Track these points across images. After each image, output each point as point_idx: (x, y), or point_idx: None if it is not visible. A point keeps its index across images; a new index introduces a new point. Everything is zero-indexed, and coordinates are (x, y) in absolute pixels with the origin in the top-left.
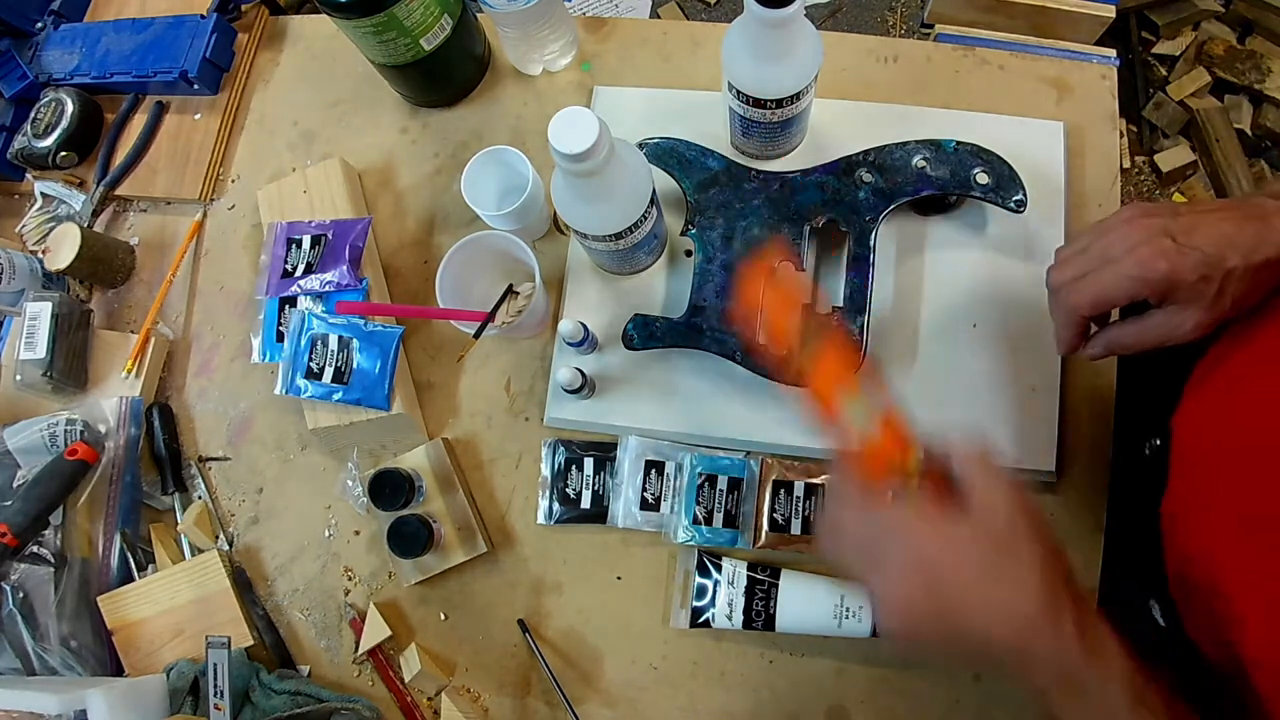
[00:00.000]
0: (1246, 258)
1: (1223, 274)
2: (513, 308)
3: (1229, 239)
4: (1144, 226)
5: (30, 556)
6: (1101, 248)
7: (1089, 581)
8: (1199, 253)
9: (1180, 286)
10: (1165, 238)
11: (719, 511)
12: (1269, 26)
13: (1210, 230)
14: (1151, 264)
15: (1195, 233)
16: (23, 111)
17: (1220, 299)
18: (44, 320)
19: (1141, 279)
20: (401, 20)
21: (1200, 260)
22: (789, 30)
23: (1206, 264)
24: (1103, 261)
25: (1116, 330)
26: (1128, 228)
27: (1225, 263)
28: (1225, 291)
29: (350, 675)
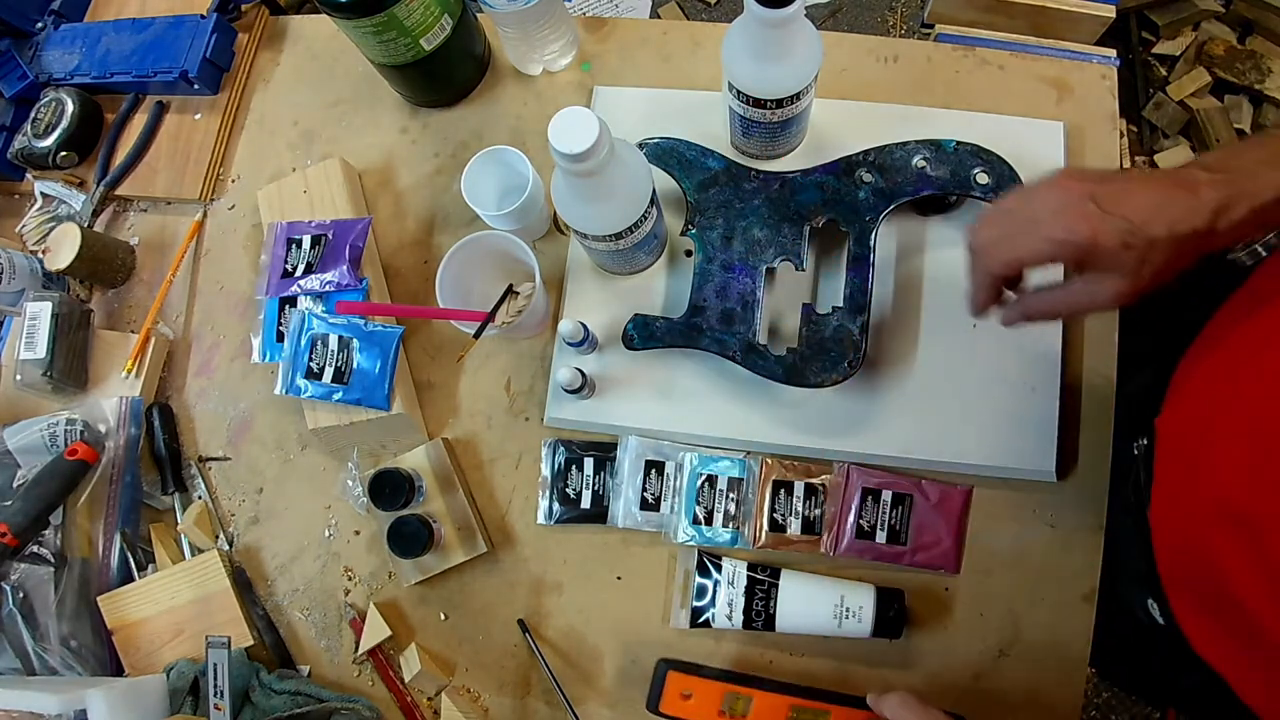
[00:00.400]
0: (1171, 228)
1: (1145, 243)
2: (513, 308)
3: (1155, 208)
4: (1070, 190)
5: (30, 556)
6: (1026, 210)
7: (1089, 582)
8: (1123, 220)
9: (1101, 253)
10: (1090, 203)
11: (719, 511)
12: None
13: (1137, 199)
14: (1073, 228)
15: (1122, 200)
16: (23, 111)
17: (1141, 268)
18: (44, 320)
19: (1062, 242)
20: (401, 20)
21: (1124, 228)
22: (789, 30)
23: (1130, 232)
24: (1026, 223)
25: (1034, 298)
26: (1053, 191)
27: (1149, 231)
28: (1147, 261)
29: (350, 675)
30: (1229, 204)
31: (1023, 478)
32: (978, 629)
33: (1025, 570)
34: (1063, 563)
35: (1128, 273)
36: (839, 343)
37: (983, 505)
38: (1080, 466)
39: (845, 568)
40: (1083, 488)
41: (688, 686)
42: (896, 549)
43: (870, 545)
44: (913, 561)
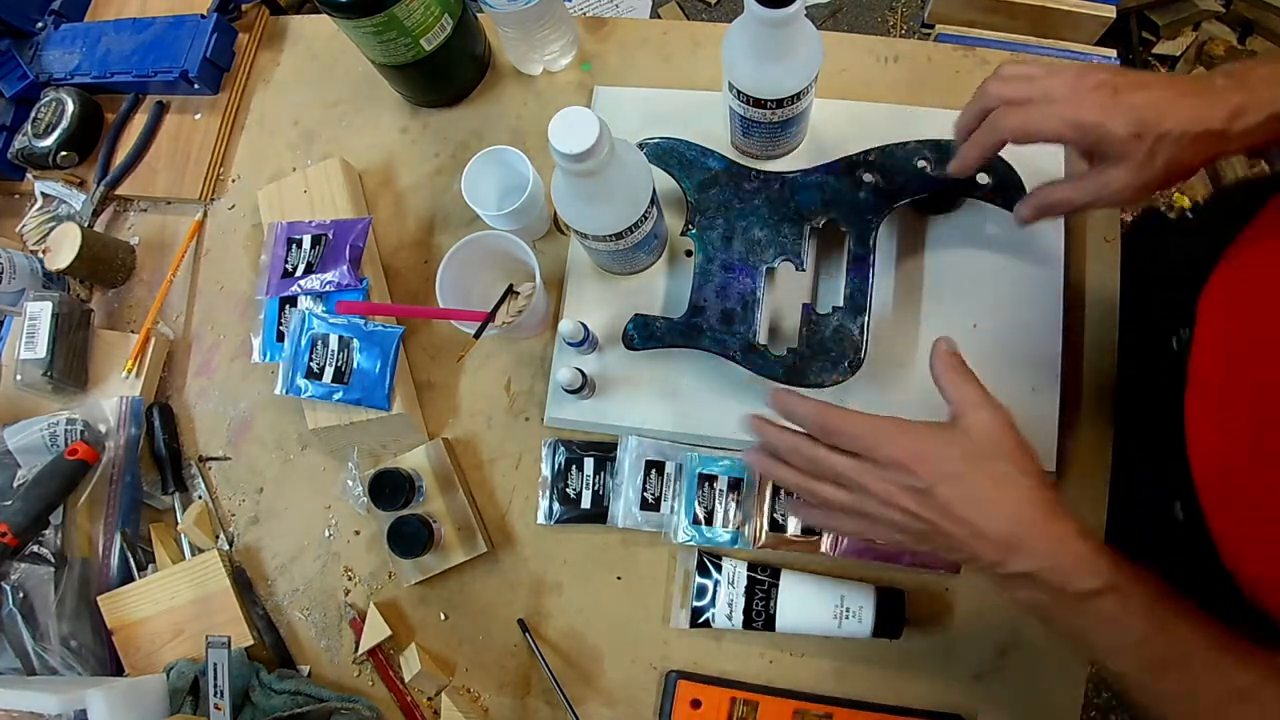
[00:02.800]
0: (1183, 125)
1: (1155, 135)
2: (513, 308)
3: (1170, 103)
4: (1093, 78)
5: (30, 556)
6: (1047, 84)
7: None
8: (1135, 110)
9: (1110, 140)
10: (1108, 90)
11: (719, 511)
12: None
13: (1154, 93)
14: (1087, 110)
15: (1139, 92)
16: (23, 111)
17: (1150, 161)
18: (44, 320)
19: (1073, 123)
20: (402, 20)
21: (1135, 118)
22: (789, 30)
23: (1140, 122)
24: (1043, 97)
25: (1048, 190)
26: (1077, 75)
27: (1160, 125)
28: (1156, 154)
29: (350, 675)
30: (1245, 109)
31: None
32: (978, 629)
33: None
34: None
35: (1135, 164)
36: (839, 343)
37: None
38: (1080, 466)
39: (845, 568)
40: (1083, 487)
41: (697, 695)
42: (896, 549)
43: (870, 545)
44: (913, 562)
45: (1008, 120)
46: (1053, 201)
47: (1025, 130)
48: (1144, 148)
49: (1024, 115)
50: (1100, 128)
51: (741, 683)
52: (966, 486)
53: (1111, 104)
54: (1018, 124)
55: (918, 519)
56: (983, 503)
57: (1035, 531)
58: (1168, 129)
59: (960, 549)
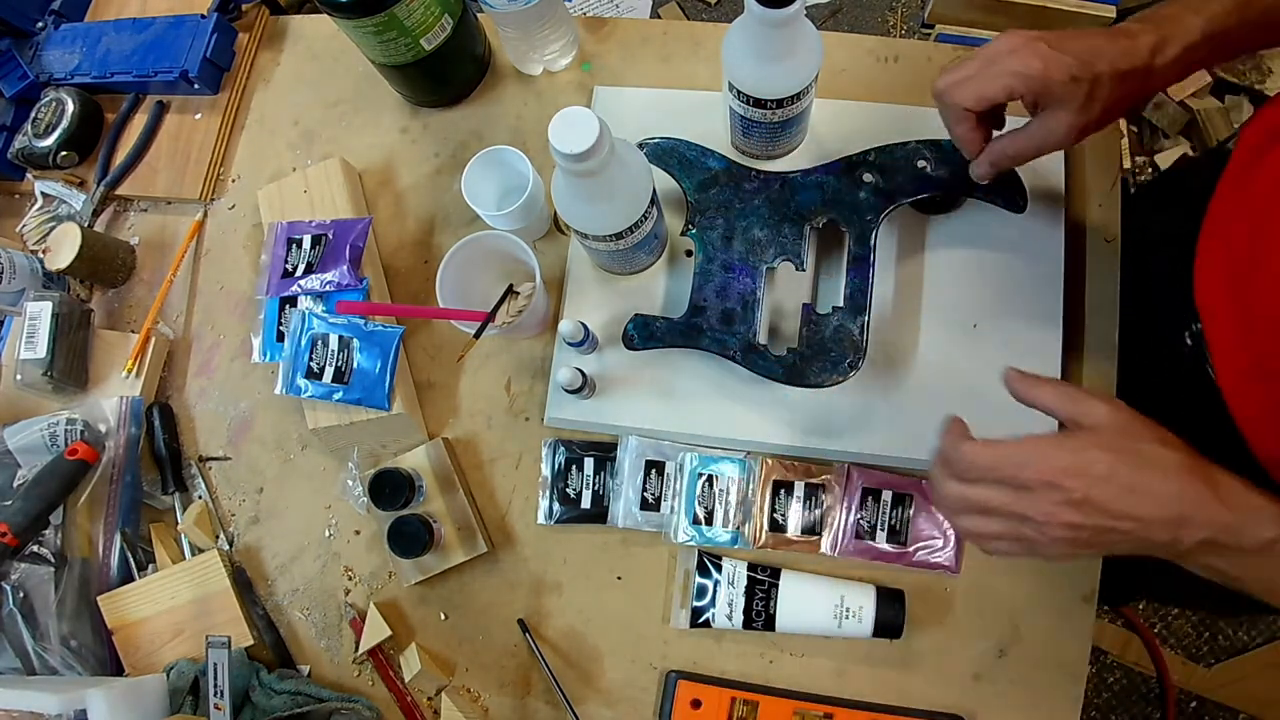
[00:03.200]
0: (1113, 64)
1: (1091, 77)
2: (513, 308)
3: (1097, 49)
4: (1021, 36)
5: (30, 556)
6: (983, 55)
7: (1089, 582)
8: (1070, 57)
9: (1053, 86)
10: (1041, 43)
11: (719, 511)
12: None
13: (1081, 42)
14: (1028, 62)
15: (1067, 42)
16: (23, 111)
17: (1090, 102)
18: (44, 320)
19: (1019, 74)
20: (402, 20)
21: (1071, 63)
22: (789, 30)
23: (1078, 66)
24: (985, 63)
25: (997, 143)
26: (1006, 38)
27: (1094, 67)
28: (1095, 96)
29: (350, 675)
30: (1162, 44)
31: None
32: (978, 629)
33: (1025, 570)
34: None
35: (1078, 107)
36: (839, 343)
37: None
38: None
39: (845, 568)
40: None
41: (697, 695)
42: (896, 549)
43: (870, 545)
44: (913, 561)
45: (965, 91)
46: (1006, 153)
47: (980, 94)
48: (1083, 90)
49: (975, 84)
50: (1045, 75)
51: (741, 683)
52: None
53: (1050, 54)
54: (974, 92)
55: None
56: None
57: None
58: (1100, 70)
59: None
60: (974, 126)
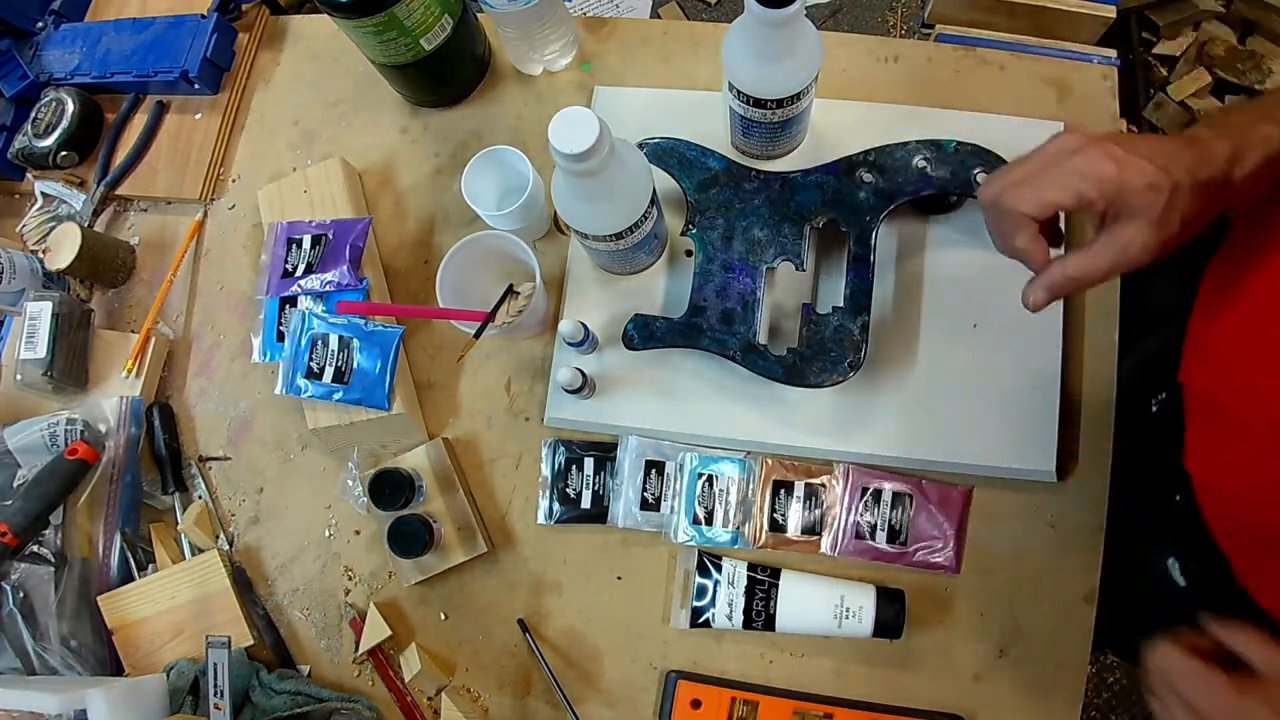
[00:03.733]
0: (1192, 174)
1: (1171, 185)
2: (513, 308)
3: (1172, 154)
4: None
5: (30, 556)
6: (1042, 155)
7: (1089, 582)
8: (1146, 162)
9: (1128, 193)
10: (1110, 144)
11: (719, 511)
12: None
13: (1153, 145)
14: (1099, 164)
15: (1139, 145)
16: (23, 111)
17: (1169, 215)
18: (44, 320)
19: (1091, 178)
20: (402, 20)
21: (1147, 168)
22: (789, 30)
23: (1155, 172)
24: (1049, 163)
25: (1059, 264)
26: (1070, 138)
27: (1172, 174)
28: (1174, 206)
29: (350, 675)
30: (1239, 154)
31: (1023, 478)
32: (978, 629)
33: (1025, 570)
34: (1063, 563)
35: (1154, 219)
36: (839, 343)
37: (983, 505)
38: (1080, 466)
39: (845, 568)
40: (1083, 488)
41: (697, 695)
42: (896, 549)
43: (870, 545)
44: (913, 561)
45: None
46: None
47: (1043, 199)
48: (1161, 200)
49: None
50: (1120, 179)
51: (741, 683)
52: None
53: (1123, 156)
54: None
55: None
56: None
57: None
58: (1179, 178)
59: None
60: (1037, 236)
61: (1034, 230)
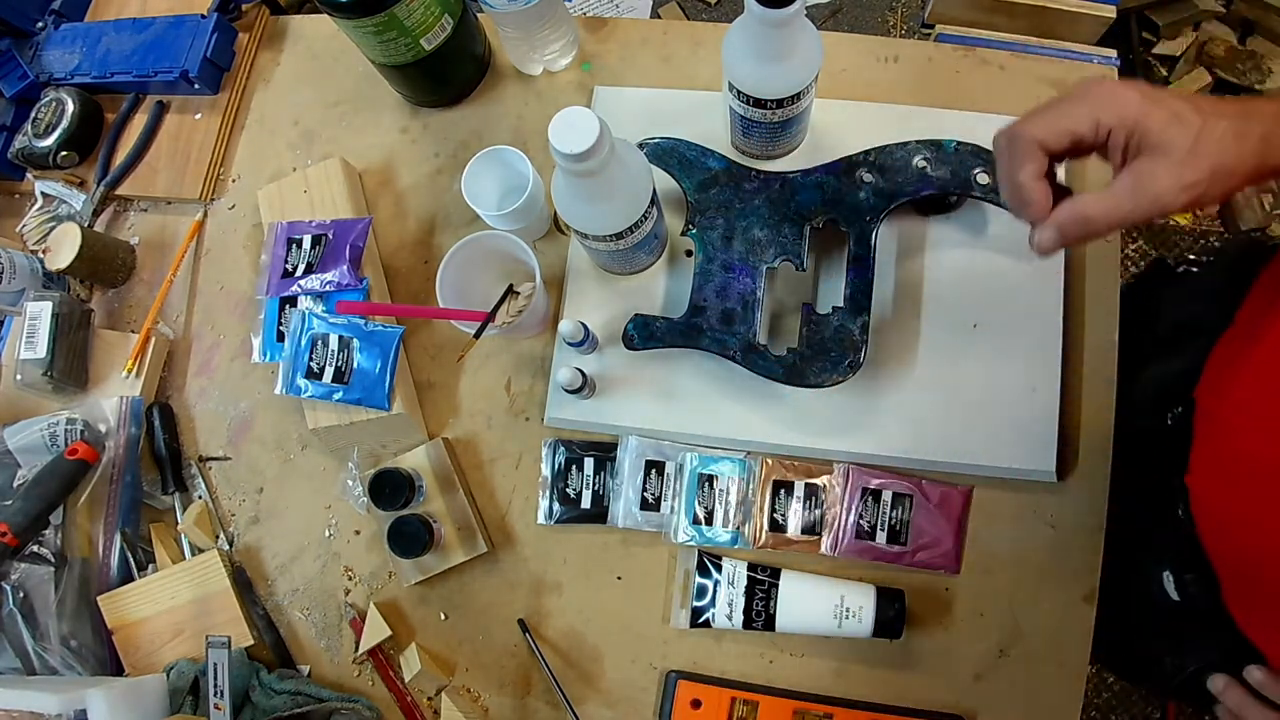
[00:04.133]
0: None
1: (1200, 122)
2: (513, 308)
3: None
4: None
5: (30, 556)
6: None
7: (1089, 582)
8: (1174, 99)
9: (1150, 124)
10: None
11: (719, 511)
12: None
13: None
14: (1125, 94)
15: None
16: (23, 111)
17: (1194, 155)
18: (44, 320)
19: (1112, 108)
20: (402, 20)
21: (1174, 102)
22: (789, 30)
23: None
24: (1071, 96)
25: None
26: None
27: (1202, 112)
28: (1202, 148)
29: (350, 675)
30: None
31: (1023, 478)
32: (978, 629)
33: (1025, 570)
34: (1063, 563)
35: (1179, 158)
36: (839, 343)
37: (983, 505)
38: (1080, 467)
39: (845, 567)
40: (1083, 488)
41: (697, 695)
42: (896, 549)
43: (870, 545)
44: (913, 561)
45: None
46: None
47: (1059, 128)
48: (1189, 134)
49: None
50: (1142, 109)
51: (741, 683)
52: None
53: (1150, 91)
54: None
55: None
56: None
57: None
58: (1210, 117)
59: None
60: (1042, 173)
61: (1041, 165)
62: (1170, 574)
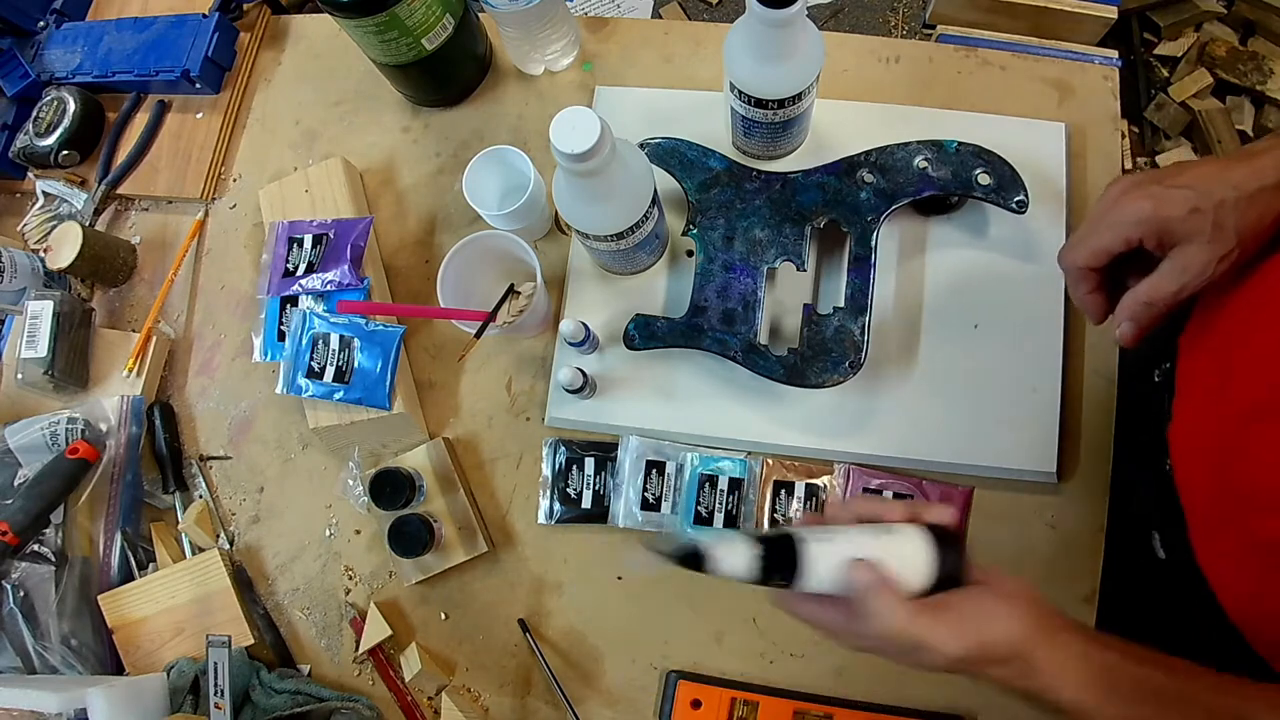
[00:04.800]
0: (1238, 188)
1: (1214, 205)
2: (514, 307)
3: (1216, 174)
4: (1130, 180)
5: (31, 555)
6: (1095, 210)
7: (1089, 582)
8: (1185, 189)
9: (1172, 224)
10: (1152, 184)
11: (719, 511)
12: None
13: (1195, 170)
14: (1138, 205)
15: (1181, 174)
16: (25, 110)
17: (1219, 231)
18: (45, 319)
19: (1131, 221)
20: (403, 20)
21: (1187, 195)
22: (791, 30)
23: (1194, 198)
24: (1096, 219)
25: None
26: (1115, 186)
27: (1213, 195)
28: (1222, 223)
29: (351, 674)
30: None
31: (1023, 478)
32: None
33: (1025, 570)
34: (1063, 563)
35: (1206, 238)
36: (840, 343)
37: (983, 505)
38: (1081, 467)
39: None
40: (1083, 488)
41: (697, 695)
42: None
43: None
44: None
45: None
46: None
47: (1093, 249)
48: (1208, 221)
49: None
50: (1157, 214)
51: (741, 683)
52: None
53: (1161, 192)
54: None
55: None
56: None
57: None
58: (1223, 196)
59: None
60: (1094, 288)
61: (1092, 283)
62: (1157, 532)
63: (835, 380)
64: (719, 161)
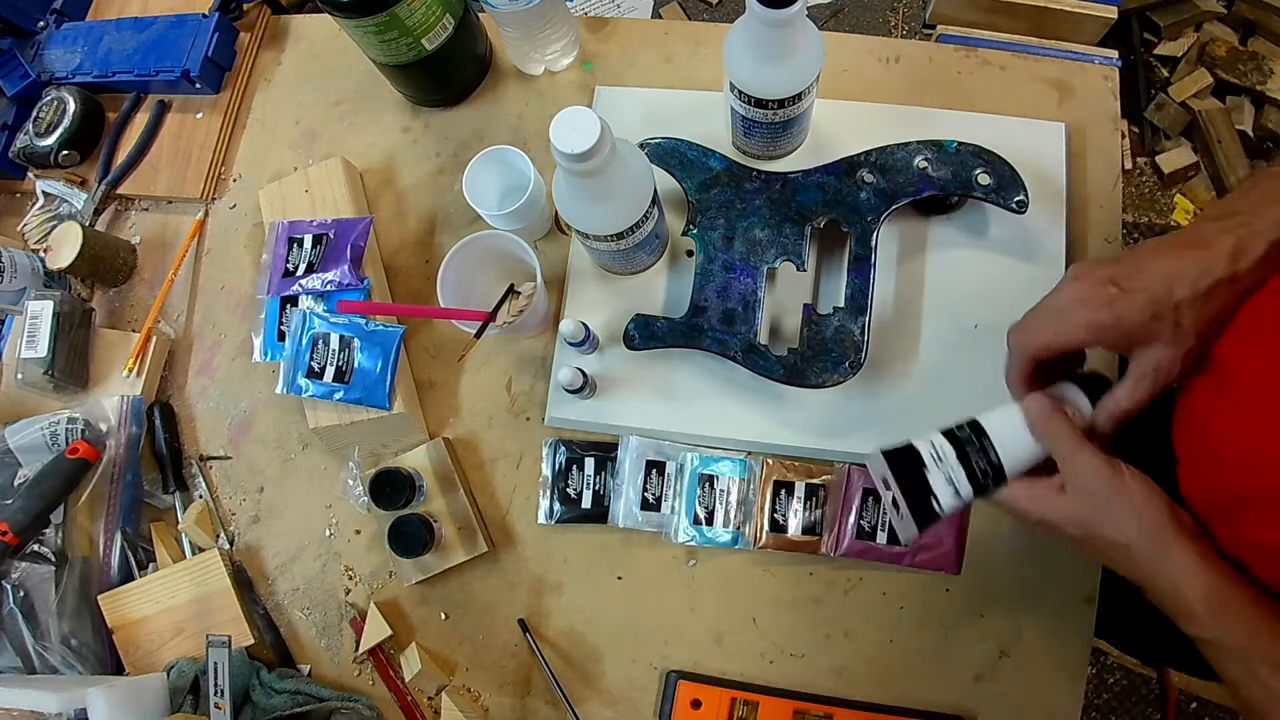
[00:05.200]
0: (1193, 286)
1: (1172, 307)
2: (514, 307)
3: (1173, 273)
4: (1089, 278)
5: (31, 555)
6: (1051, 302)
7: (1089, 582)
8: (1143, 293)
9: (1133, 330)
10: (1110, 286)
11: (719, 511)
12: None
13: (1153, 269)
14: (1097, 312)
15: (1138, 275)
16: (25, 110)
17: (1179, 331)
18: (45, 319)
19: (1090, 326)
20: (403, 20)
21: (1146, 300)
22: (791, 30)
23: (1153, 302)
24: (1053, 313)
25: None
26: (1073, 283)
27: (1172, 296)
28: (1182, 323)
29: (351, 674)
30: (1242, 247)
31: None
32: (978, 629)
33: (1025, 570)
34: (1063, 563)
35: (1169, 340)
36: (840, 343)
37: (983, 505)
38: None
39: (846, 567)
40: None
41: (697, 695)
42: (897, 549)
43: (871, 545)
44: (913, 562)
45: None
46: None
47: (1046, 344)
48: (1168, 324)
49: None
50: (1119, 324)
51: (741, 683)
52: None
53: (1119, 296)
54: (1037, 340)
55: None
56: None
57: None
58: (1180, 297)
59: None
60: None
61: (1029, 370)
62: None
63: (835, 380)
64: (719, 161)
